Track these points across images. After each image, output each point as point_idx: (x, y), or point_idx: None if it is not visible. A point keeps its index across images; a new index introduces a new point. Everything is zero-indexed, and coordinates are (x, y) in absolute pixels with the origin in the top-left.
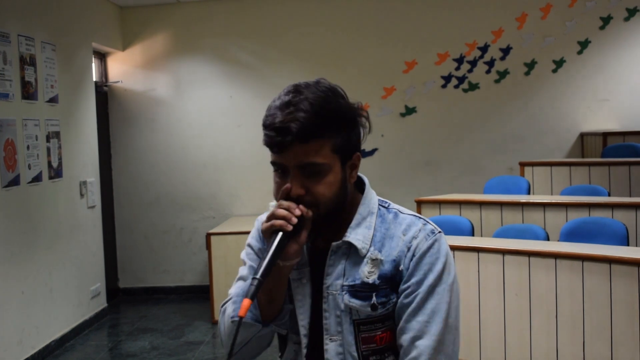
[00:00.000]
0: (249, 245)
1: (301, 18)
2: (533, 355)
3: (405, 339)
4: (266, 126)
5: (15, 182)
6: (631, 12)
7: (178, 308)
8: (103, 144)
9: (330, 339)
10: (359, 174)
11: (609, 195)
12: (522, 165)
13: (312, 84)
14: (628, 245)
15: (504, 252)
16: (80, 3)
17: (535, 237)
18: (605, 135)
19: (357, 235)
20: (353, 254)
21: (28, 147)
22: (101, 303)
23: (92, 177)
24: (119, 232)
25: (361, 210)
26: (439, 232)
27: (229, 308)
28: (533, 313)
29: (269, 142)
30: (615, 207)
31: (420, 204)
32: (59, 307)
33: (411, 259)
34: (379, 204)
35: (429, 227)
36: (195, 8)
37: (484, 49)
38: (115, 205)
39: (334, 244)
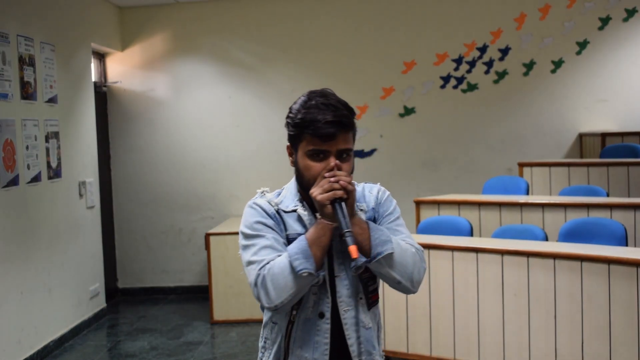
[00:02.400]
0: (261, 223)
1: (300, 19)
2: (532, 355)
3: None
4: (312, 121)
5: (14, 182)
6: (630, 13)
7: (177, 308)
8: (102, 145)
9: (336, 276)
10: None
11: (608, 195)
12: (521, 165)
13: (326, 91)
14: (627, 245)
15: (502, 252)
16: (80, 3)
17: (534, 237)
18: (604, 135)
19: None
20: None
21: (27, 148)
22: (100, 303)
23: (91, 177)
24: (118, 233)
25: None
26: (386, 191)
27: (280, 265)
28: (532, 313)
29: (324, 133)
30: (614, 208)
31: (419, 205)
32: (58, 307)
33: (379, 205)
34: None
35: (383, 187)
36: (194, 8)
37: (483, 50)
38: (114, 205)
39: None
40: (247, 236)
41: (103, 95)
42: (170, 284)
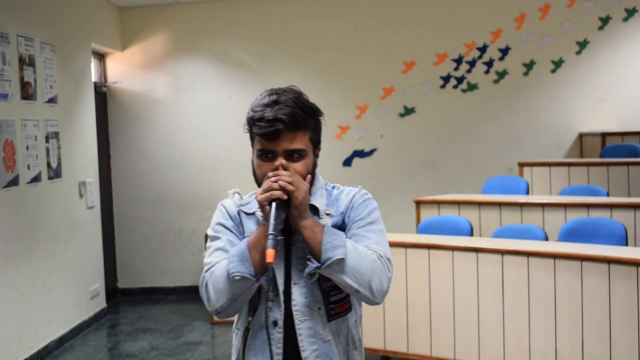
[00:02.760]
0: (220, 224)
1: (300, 19)
2: (532, 355)
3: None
4: (259, 119)
5: (14, 182)
6: (630, 13)
7: (177, 308)
8: (102, 145)
9: (294, 283)
10: None
11: (608, 195)
12: (521, 165)
13: (287, 89)
14: (627, 245)
15: (502, 252)
16: (80, 4)
17: (534, 237)
18: (604, 135)
19: (317, 200)
20: (314, 215)
21: (27, 148)
22: (100, 303)
23: (91, 177)
24: (118, 233)
25: (316, 184)
26: (371, 195)
27: (220, 268)
28: (532, 313)
29: (264, 132)
30: (614, 207)
31: (419, 204)
32: (58, 307)
33: (351, 209)
34: (324, 183)
35: (363, 190)
36: (194, 9)
37: (483, 50)
38: (114, 205)
39: None
40: (209, 237)
41: (103, 95)
42: (170, 284)
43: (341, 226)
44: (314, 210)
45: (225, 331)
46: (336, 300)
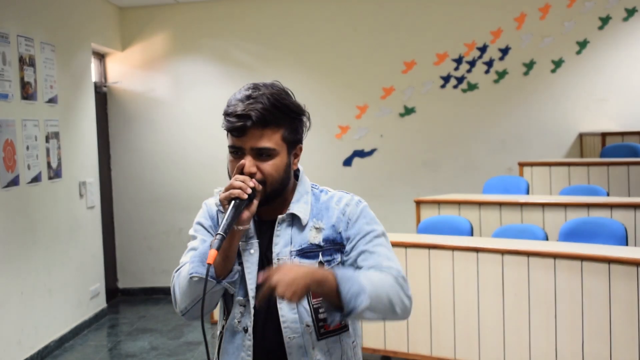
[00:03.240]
0: (199, 224)
1: (300, 19)
2: (532, 355)
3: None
4: (228, 114)
5: (14, 182)
6: (630, 12)
7: None
8: (102, 145)
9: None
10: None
11: (608, 195)
12: (521, 165)
13: (268, 84)
14: (627, 245)
15: (503, 252)
16: (80, 3)
17: (534, 237)
18: (604, 135)
19: (299, 208)
20: (296, 224)
21: (27, 148)
22: (100, 303)
23: (92, 177)
24: (118, 233)
25: (299, 189)
26: (364, 202)
27: (185, 269)
28: (532, 313)
29: (231, 127)
30: (614, 207)
31: (419, 204)
32: (58, 307)
33: (347, 223)
34: (312, 187)
35: (356, 198)
36: (194, 9)
37: (483, 49)
38: (114, 205)
39: (280, 216)
40: (190, 236)
41: (103, 95)
42: (170, 284)
43: (334, 240)
44: (296, 219)
45: None
46: (326, 319)
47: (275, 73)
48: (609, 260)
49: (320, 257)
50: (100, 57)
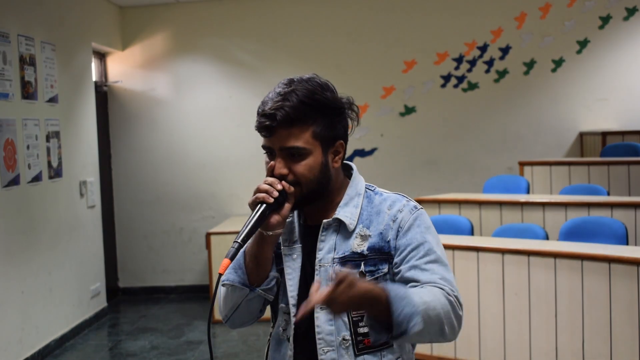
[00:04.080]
0: None
1: (301, 18)
2: (532, 354)
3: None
4: (258, 113)
5: (15, 181)
6: (630, 12)
7: (178, 308)
8: (103, 144)
9: (321, 308)
10: (348, 162)
11: (608, 194)
12: (522, 164)
13: (305, 78)
14: (627, 244)
15: (503, 251)
16: (80, 3)
17: (535, 236)
18: (605, 134)
19: (346, 212)
20: (342, 230)
21: (28, 147)
22: (101, 303)
23: (92, 176)
24: (118, 232)
25: (349, 191)
26: (421, 207)
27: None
28: (532, 312)
29: (259, 127)
30: (615, 207)
31: (419, 204)
32: (59, 306)
33: (398, 231)
34: (366, 188)
35: (412, 203)
36: (194, 8)
37: (483, 49)
38: (115, 205)
39: (325, 221)
40: None
41: (104, 94)
42: (171, 284)
43: (380, 250)
44: (342, 225)
45: (227, 330)
46: (366, 333)
47: (275, 72)
48: (610, 260)
49: (362, 267)
50: (101, 56)
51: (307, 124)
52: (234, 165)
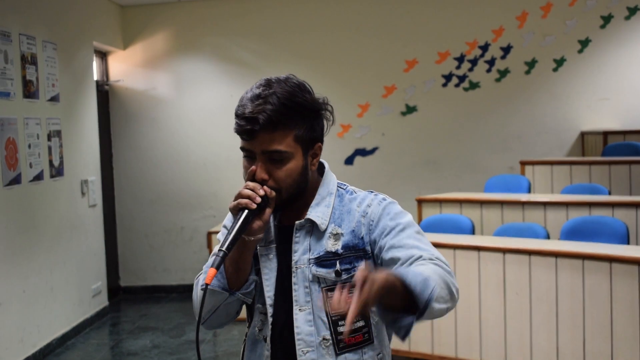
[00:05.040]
0: (224, 227)
1: (302, 17)
2: (533, 353)
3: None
4: (237, 115)
5: (16, 180)
6: (632, 11)
7: (179, 307)
8: (104, 143)
9: (300, 309)
10: (322, 161)
11: (610, 194)
12: (523, 164)
13: (282, 79)
14: (628, 244)
15: (504, 250)
16: (82, 2)
17: (536, 235)
18: (606, 134)
19: (317, 213)
20: (315, 230)
21: (29, 146)
22: (102, 302)
23: (93, 175)
24: (120, 231)
25: (321, 191)
26: (391, 200)
27: (201, 278)
28: (533, 312)
29: (239, 130)
30: (616, 206)
31: (420, 203)
32: (60, 305)
33: (369, 225)
34: (338, 186)
35: (381, 196)
36: (196, 7)
37: (485, 48)
38: (116, 204)
39: (297, 222)
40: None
41: (105, 93)
42: (172, 283)
43: (355, 247)
44: (315, 225)
45: (227, 329)
46: (349, 331)
47: (276, 72)
48: (611, 259)
49: (338, 266)
50: (102, 55)
51: (290, 128)
52: (235, 164)
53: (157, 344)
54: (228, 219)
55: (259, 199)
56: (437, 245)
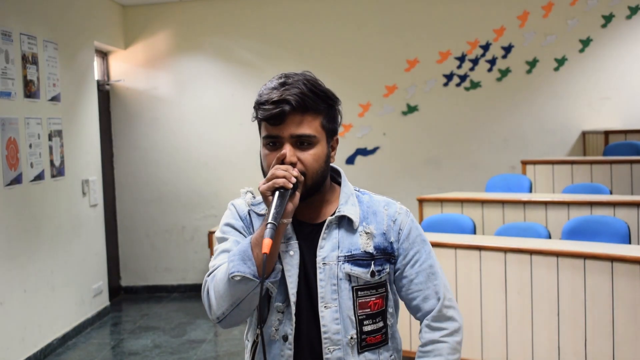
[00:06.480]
0: (229, 225)
1: (303, 16)
2: (535, 353)
3: (428, 303)
4: (264, 102)
5: (17, 180)
6: (633, 10)
7: (180, 306)
8: (105, 143)
9: (326, 306)
10: (335, 166)
11: (611, 193)
12: (524, 163)
13: (299, 72)
14: (630, 243)
15: (505, 250)
16: (83, 2)
17: (537, 235)
18: (607, 133)
19: (349, 210)
20: (345, 227)
21: (30, 146)
22: (103, 301)
23: (94, 175)
24: (121, 231)
25: (344, 190)
26: (410, 212)
27: (222, 270)
28: (535, 311)
29: (268, 115)
30: (617, 206)
31: (422, 202)
32: (61, 305)
33: (398, 233)
34: (354, 189)
35: (404, 207)
36: (197, 7)
37: (486, 47)
38: (117, 203)
39: (329, 217)
40: (217, 239)
41: (106, 93)
42: (173, 282)
43: (385, 250)
44: (345, 222)
45: (228, 329)
46: (370, 331)
47: (277, 71)
48: (612, 259)
49: (372, 267)
50: (103, 55)
51: (318, 113)
52: (236, 164)
53: (158, 344)
54: (231, 217)
55: (294, 179)
56: (438, 245)
